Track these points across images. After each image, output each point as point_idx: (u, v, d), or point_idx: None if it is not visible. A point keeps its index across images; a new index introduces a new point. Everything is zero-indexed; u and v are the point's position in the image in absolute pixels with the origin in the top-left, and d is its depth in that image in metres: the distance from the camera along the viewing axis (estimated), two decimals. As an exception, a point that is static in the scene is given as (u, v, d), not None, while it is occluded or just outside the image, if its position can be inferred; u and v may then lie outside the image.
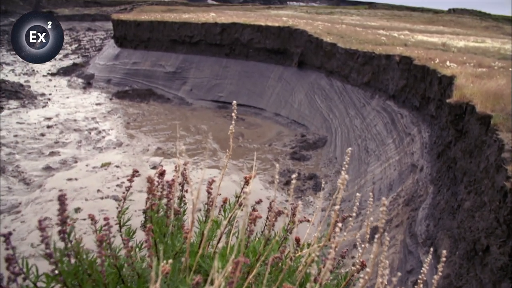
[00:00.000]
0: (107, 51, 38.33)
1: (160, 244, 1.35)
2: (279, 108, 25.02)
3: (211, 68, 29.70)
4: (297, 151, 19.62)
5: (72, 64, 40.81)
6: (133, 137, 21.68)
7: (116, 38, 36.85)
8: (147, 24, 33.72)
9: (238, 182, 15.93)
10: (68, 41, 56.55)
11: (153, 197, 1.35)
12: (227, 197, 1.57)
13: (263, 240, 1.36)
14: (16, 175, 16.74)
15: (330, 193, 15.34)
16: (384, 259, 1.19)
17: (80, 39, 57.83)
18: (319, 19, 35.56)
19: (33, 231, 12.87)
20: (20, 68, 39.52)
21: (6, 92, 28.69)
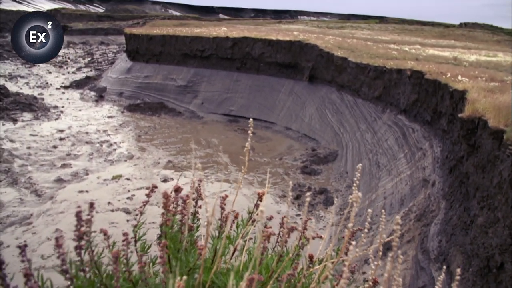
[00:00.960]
0: (120, 65, 38.75)
1: (174, 260, 1.36)
2: (289, 122, 25.05)
3: (222, 82, 29.88)
4: (307, 165, 19.58)
5: (85, 77, 41.30)
6: (144, 150, 21.80)
7: (129, 52, 37.26)
8: (159, 38, 34.08)
9: (249, 196, 15.91)
10: (81, 54, 57.31)
11: (168, 212, 1.36)
12: (238, 213, 1.58)
13: (276, 256, 1.36)
14: (28, 186, 16.88)
15: (341, 208, 15.25)
16: (397, 276, 1.19)
17: (93, 52, 58.55)
18: (330, 33, 35.69)
19: (44, 243, 12.94)
20: (34, 81, 40.08)
21: (20, 104, 29.08)
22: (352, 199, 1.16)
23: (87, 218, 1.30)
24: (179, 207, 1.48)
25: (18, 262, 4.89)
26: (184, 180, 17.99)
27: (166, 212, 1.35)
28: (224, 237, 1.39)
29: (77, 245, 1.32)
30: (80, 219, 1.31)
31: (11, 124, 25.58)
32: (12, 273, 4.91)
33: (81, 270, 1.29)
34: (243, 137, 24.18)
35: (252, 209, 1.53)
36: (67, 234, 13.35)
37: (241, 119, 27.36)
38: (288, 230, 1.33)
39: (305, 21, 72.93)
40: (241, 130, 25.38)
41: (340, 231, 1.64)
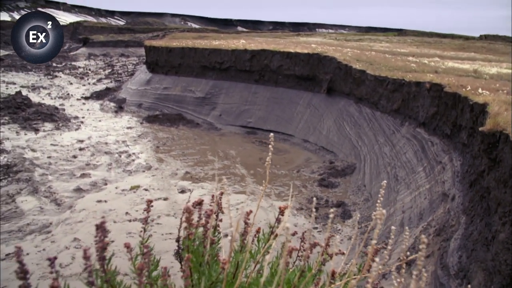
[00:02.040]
0: (139, 76, 39.24)
1: (196, 274, 1.38)
2: (307, 134, 25.01)
3: (240, 94, 30.03)
4: (325, 178, 19.49)
5: (105, 88, 41.92)
6: (162, 161, 21.96)
7: (148, 64, 37.74)
8: (178, 51, 34.47)
9: (266, 208, 15.88)
10: (102, 66, 58.22)
11: (190, 226, 1.38)
12: (260, 227, 1.59)
13: (298, 271, 1.37)
14: (48, 195, 17.12)
15: (358, 221, 15.12)
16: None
17: (114, 64, 59.43)
18: (348, 46, 35.68)
19: (62, 251, 13.07)
20: (56, 92, 40.82)
21: (42, 114, 29.63)
22: (376, 216, 1.16)
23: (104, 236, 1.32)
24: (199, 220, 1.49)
25: (38, 269, 5.07)
26: (202, 191, 18.06)
27: (189, 226, 1.37)
28: (246, 251, 1.40)
29: (100, 257, 1.34)
30: (103, 230, 1.33)
31: (33, 134, 26.05)
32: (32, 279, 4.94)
33: (105, 281, 1.31)
34: (260, 149, 24.21)
35: (274, 223, 1.54)
36: (85, 243, 13.49)
37: (259, 131, 27.41)
38: (311, 246, 1.34)
39: (323, 34, 73.07)
40: (258, 142, 25.41)
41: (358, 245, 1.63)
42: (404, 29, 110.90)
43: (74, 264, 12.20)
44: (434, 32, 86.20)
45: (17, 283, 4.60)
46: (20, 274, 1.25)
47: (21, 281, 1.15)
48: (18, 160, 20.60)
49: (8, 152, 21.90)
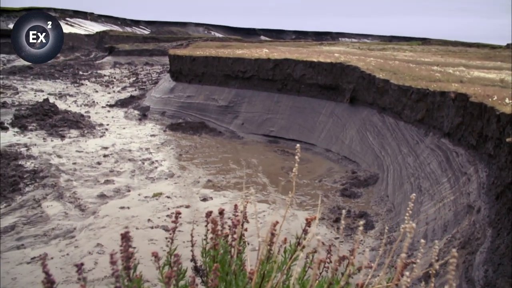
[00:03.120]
0: (163, 85, 39.69)
1: (222, 283, 1.40)
2: (330, 144, 24.90)
3: (263, 103, 30.11)
4: (347, 188, 19.35)
5: (130, 96, 42.53)
6: (184, 168, 22.11)
7: (172, 73, 38.16)
8: (202, 59, 34.78)
9: (287, 217, 15.83)
10: (127, 74, 59.09)
11: (216, 236, 1.40)
12: (286, 238, 1.60)
13: (326, 284, 1.38)
14: (72, 201, 17.41)
15: (381, 232, 14.95)
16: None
17: (138, 72, 60.26)
18: (371, 55, 35.50)
19: (85, 256, 13.24)
20: (81, 100, 41.59)
21: (68, 122, 30.21)
22: (405, 229, 1.17)
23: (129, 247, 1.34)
24: (225, 230, 1.51)
25: (62, 273, 5.18)
26: (223, 199, 18.12)
27: (215, 236, 1.39)
28: (272, 262, 1.41)
29: (126, 266, 1.37)
30: (128, 239, 1.36)
31: (59, 140, 26.56)
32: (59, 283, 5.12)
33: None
34: (282, 158, 24.18)
35: (301, 234, 1.55)
36: (108, 249, 13.66)
37: (281, 140, 27.41)
38: (340, 259, 1.35)
39: (346, 43, 72.87)
40: (281, 151, 25.40)
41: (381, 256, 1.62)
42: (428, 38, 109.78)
43: (96, 269, 12.35)
44: (459, 41, 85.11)
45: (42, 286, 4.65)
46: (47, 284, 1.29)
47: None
48: (45, 166, 21.03)
49: (35, 158, 22.38)
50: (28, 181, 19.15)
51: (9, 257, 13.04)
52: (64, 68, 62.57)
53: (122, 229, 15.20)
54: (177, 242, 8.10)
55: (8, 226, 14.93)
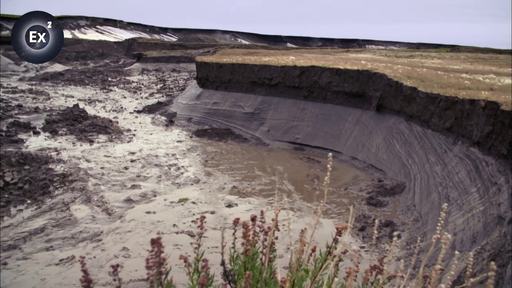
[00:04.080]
0: (190, 91, 40.08)
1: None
2: (356, 151, 24.71)
3: (289, 110, 30.11)
4: (373, 197, 19.15)
5: (157, 102, 43.10)
6: (210, 174, 22.25)
7: (199, 79, 38.51)
8: (228, 66, 35.02)
9: (312, 225, 15.77)
10: (154, 81, 59.89)
11: (247, 242, 1.43)
12: (316, 246, 1.62)
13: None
14: (100, 205, 17.72)
15: (407, 242, 14.73)
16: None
17: (165, 79, 61.02)
18: (398, 63, 35.13)
19: (111, 260, 13.44)
20: (110, 105, 42.37)
21: (97, 127, 30.80)
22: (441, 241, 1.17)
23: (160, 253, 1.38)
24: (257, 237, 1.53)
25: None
26: (248, 206, 18.15)
27: (247, 242, 1.42)
28: (302, 270, 1.43)
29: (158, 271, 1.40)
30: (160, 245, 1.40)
31: (88, 145, 27.09)
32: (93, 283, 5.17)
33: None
34: (308, 166, 24.09)
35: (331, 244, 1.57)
36: (133, 253, 13.85)
37: (306, 147, 27.33)
38: (371, 268, 1.36)
39: (373, 50, 72.32)
40: (306, 158, 25.32)
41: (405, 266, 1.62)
42: (457, 45, 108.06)
43: (122, 273, 12.50)
44: (489, 48, 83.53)
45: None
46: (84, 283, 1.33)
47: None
48: (74, 170, 21.46)
49: (65, 162, 22.87)
50: (57, 184, 19.58)
51: (38, 258, 13.35)
52: (93, 75, 63.87)
53: (148, 233, 15.41)
54: (202, 248, 8.18)
55: (38, 228, 15.30)
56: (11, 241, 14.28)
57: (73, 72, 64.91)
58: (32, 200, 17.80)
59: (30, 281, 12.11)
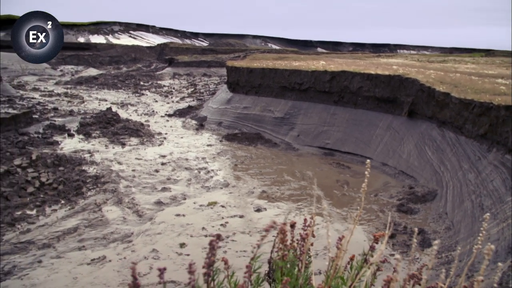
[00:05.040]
0: (220, 96, 40.36)
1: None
2: (386, 157, 24.39)
3: (319, 115, 29.98)
4: (404, 204, 18.86)
5: (188, 106, 43.56)
6: (239, 178, 22.34)
7: (229, 84, 38.75)
8: (259, 71, 35.12)
9: (341, 231, 15.64)
10: (185, 85, 60.56)
11: (284, 248, 1.45)
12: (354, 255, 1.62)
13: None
14: (131, 206, 18.02)
15: (438, 251, 14.44)
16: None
17: (196, 83, 61.62)
18: (431, 68, 34.54)
19: (141, 261, 13.65)
20: (142, 109, 43.07)
21: (128, 130, 31.36)
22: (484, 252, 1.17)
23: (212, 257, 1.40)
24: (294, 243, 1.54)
25: (118, 276, 5.44)
26: (277, 211, 18.14)
27: (284, 247, 1.44)
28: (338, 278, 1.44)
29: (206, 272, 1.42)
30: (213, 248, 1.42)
31: (120, 147, 27.61)
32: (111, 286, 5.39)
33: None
34: (338, 171, 23.92)
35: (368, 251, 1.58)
36: (163, 255, 14.03)
37: (336, 152, 27.14)
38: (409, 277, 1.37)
39: (405, 55, 71.29)
40: (336, 164, 25.14)
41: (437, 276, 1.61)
42: (492, 50, 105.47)
43: (151, 274, 12.68)
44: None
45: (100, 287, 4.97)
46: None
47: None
48: (106, 172, 21.91)
49: (98, 164, 23.37)
50: (90, 185, 20.02)
51: (71, 257, 13.68)
52: (126, 79, 65.05)
53: (177, 236, 15.59)
54: (231, 252, 8.38)
55: (71, 227, 15.68)
56: (45, 240, 14.68)
57: (106, 76, 66.28)
58: (66, 200, 18.25)
59: (63, 279, 12.42)
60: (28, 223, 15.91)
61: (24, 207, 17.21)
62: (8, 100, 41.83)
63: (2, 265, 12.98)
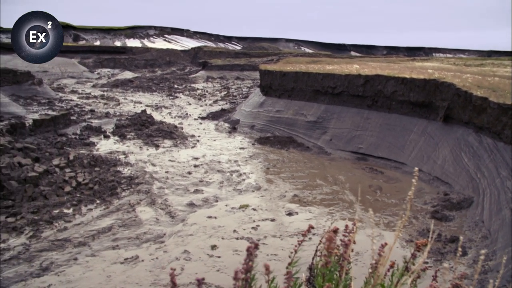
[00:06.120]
0: (253, 99, 40.52)
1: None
2: (420, 163, 23.95)
3: (352, 119, 29.73)
4: (438, 210, 18.48)
5: (220, 109, 43.93)
6: (271, 182, 22.36)
7: (262, 87, 38.86)
8: (292, 75, 35.11)
9: (373, 237, 15.44)
10: (218, 88, 61.10)
11: (329, 255, 1.46)
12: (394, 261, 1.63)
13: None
14: (163, 207, 18.28)
15: (474, 260, 14.09)
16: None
17: (229, 87, 62.07)
18: (468, 71, 33.75)
19: (172, 262, 13.83)
20: (176, 111, 43.69)
21: (162, 132, 31.84)
22: None
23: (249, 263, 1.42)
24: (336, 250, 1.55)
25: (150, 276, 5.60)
26: (309, 215, 18.06)
27: (329, 254, 1.45)
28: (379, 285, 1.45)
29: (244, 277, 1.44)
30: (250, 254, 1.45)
31: (154, 149, 28.06)
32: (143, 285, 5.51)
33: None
34: (370, 176, 23.63)
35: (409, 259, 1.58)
36: (194, 256, 14.16)
37: (369, 157, 26.83)
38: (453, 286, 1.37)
39: (441, 59, 69.89)
40: (369, 169, 24.85)
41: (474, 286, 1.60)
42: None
43: (182, 275, 12.83)
44: None
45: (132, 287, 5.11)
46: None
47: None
48: (140, 173, 22.30)
49: (132, 165, 23.83)
50: (124, 186, 20.42)
51: (105, 256, 13.98)
52: (161, 82, 66.12)
53: (208, 238, 15.73)
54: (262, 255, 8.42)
55: (105, 227, 16.03)
56: (81, 238, 15.06)
57: (141, 79, 67.54)
58: (101, 200, 18.68)
59: (96, 277, 12.71)
60: (65, 222, 16.35)
61: (62, 206, 17.71)
62: (48, 102, 43.21)
63: (40, 261, 13.40)
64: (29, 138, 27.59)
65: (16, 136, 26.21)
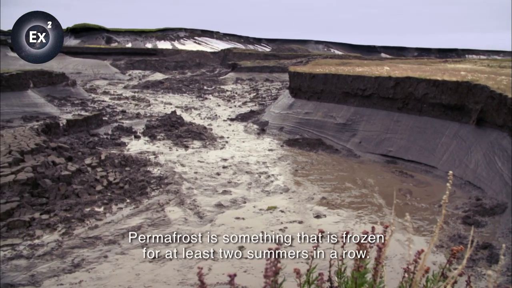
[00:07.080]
0: (282, 101, 40.50)
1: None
2: (452, 167, 23.47)
3: (381, 121, 29.38)
4: (470, 216, 18.07)
5: (249, 111, 44.06)
6: (299, 184, 22.30)
7: (291, 89, 38.82)
8: (321, 77, 34.95)
9: (402, 242, 15.23)
10: (248, 90, 61.30)
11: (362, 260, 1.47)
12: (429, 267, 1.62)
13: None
14: (192, 208, 18.46)
15: (508, 268, 13.72)
16: None
17: (258, 88, 62.19)
18: (502, 73, 32.87)
19: (200, 261, 13.93)
20: (205, 113, 44.06)
21: (192, 133, 32.17)
22: None
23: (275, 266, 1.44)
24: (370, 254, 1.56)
25: (178, 275, 5.65)
26: (337, 218, 17.94)
27: (360, 259, 1.46)
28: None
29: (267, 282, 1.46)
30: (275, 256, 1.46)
31: (183, 150, 28.37)
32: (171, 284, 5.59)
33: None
34: (400, 180, 23.31)
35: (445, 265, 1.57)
36: (221, 257, 14.21)
37: (399, 160, 26.46)
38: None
39: (474, 60, 68.38)
40: (398, 172, 24.51)
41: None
42: None
43: (210, 275, 12.93)
44: None
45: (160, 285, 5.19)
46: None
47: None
48: (169, 173, 22.58)
49: (162, 165, 24.15)
50: (154, 186, 20.72)
51: (134, 254, 14.21)
52: (190, 83, 66.80)
53: (236, 238, 15.77)
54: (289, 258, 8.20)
55: (135, 226, 16.30)
56: (111, 236, 15.35)
57: (171, 81, 68.36)
58: (131, 199, 19.00)
59: (126, 275, 12.94)
60: (96, 220, 16.70)
61: (93, 204, 18.10)
62: (81, 103, 44.26)
63: (72, 258, 13.73)
64: (63, 137, 28.31)
65: (51, 136, 26.94)
